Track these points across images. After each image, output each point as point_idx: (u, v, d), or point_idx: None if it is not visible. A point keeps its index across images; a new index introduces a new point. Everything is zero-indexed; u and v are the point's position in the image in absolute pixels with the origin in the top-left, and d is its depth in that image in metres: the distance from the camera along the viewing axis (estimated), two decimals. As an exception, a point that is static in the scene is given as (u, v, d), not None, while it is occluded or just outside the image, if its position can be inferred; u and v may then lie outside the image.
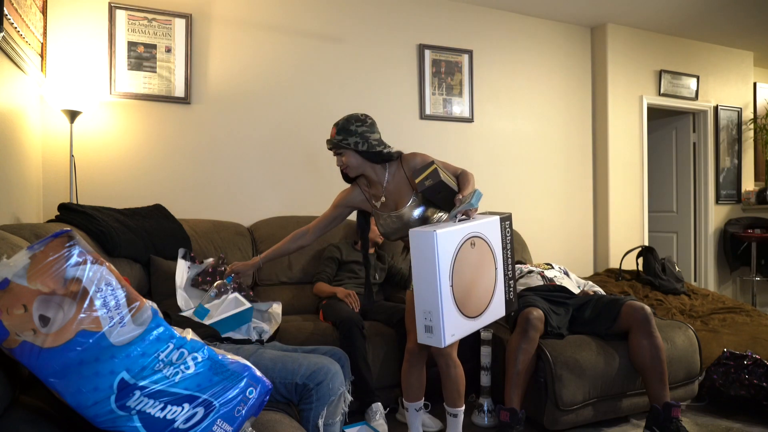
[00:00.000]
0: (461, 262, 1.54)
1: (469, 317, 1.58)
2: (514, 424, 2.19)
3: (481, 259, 1.63)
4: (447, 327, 1.48)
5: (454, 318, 1.51)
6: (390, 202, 2.02)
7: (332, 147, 1.99)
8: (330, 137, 2.00)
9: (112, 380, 0.93)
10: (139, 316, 0.98)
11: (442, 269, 1.47)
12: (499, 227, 1.72)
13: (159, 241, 2.63)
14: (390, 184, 2.03)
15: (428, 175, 1.83)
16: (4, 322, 0.89)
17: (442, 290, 1.47)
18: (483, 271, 1.64)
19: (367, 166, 2.01)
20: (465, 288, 1.56)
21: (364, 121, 1.99)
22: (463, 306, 1.55)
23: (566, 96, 4.41)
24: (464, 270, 1.55)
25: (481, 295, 1.63)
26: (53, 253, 0.93)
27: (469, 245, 1.57)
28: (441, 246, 1.48)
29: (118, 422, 0.94)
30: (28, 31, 2.32)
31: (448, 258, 1.49)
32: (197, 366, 1.01)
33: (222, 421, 1.01)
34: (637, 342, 2.28)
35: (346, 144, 1.95)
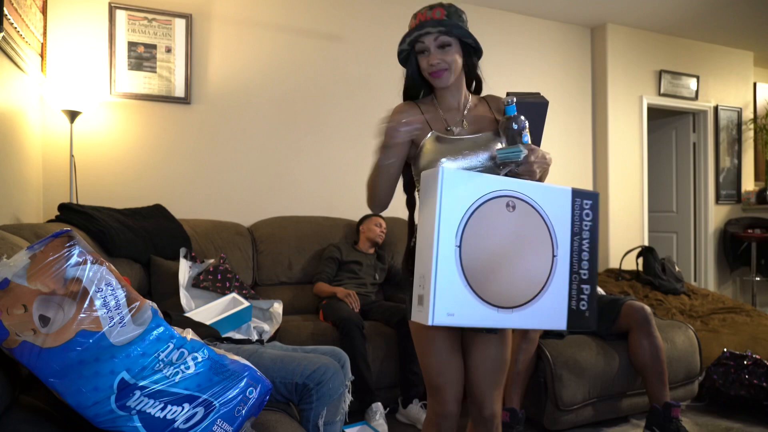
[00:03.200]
0: (484, 222, 1.15)
1: (487, 303, 1.16)
2: (514, 424, 2.19)
3: (526, 232, 1.20)
4: (440, 299, 1.11)
5: (457, 292, 1.13)
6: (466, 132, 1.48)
7: (445, 31, 1.39)
8: (431, 17, 1.40)
9: (112, 380, 0.93)
10: (139, 316, 0.98)
11: (444, 218, 1.11)
12: (569, 203, 1.26)
13: (159, 241, 2.63)
14: (470, 114, 1.50)
15: (532, 95, 1.45)
16: (4, 322, 0.89)
17: (440, 247, 1.11)
18: (526, 248, 1.21)
19: (460, 78, 1.48)
20: (485, 258, 1.16)
21: (465, 19, 1.47)
22: (477, 281, 1.15)
23: (566, 96, 4.41)
24: (488, 233, 1.16)
25: (517, 280, 1.19)
26: (53, 253, 0.93)
27: (504, 205, 1.18)
28: (449, 186, 1.12)
29: (119, 422, 0.94)
30: (28, 31, 2.32)
31: (458, 206, 1.13)
32: (197, 366, 1.01)
33: (222, 420, 1.02)
34: (637, 342, 2.29)
35: (466, 34, 1.40)
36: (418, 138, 1.45)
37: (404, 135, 1.33)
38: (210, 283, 2.57)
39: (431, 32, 1.39)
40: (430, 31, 1.39)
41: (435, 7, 1.43)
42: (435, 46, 1.41)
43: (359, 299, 2.72)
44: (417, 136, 1.44)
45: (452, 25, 1.39)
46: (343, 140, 3.56)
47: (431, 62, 1.41)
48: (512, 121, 1.28)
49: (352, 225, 3.26)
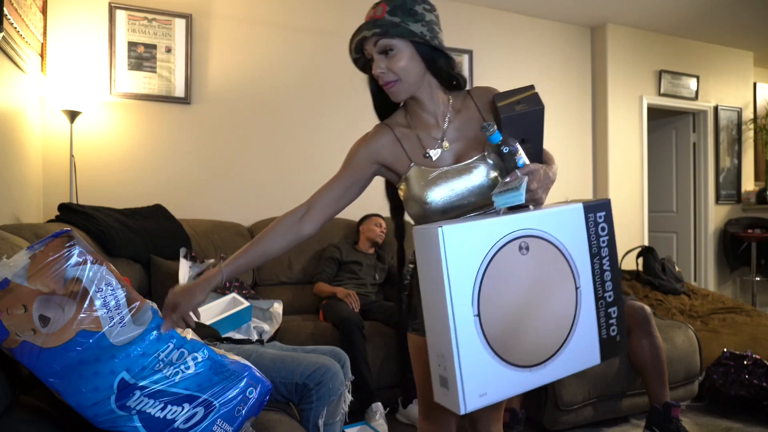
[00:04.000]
0: (499, 276, 0.98)
1: (518, 366, 1.00)
2: (514, 424, 2.19)
3: (544, 273, 1.04)
4: (469, 381, 0.95)
5: (486, 368, 0.97)
6: (449, 152, 1.23)
7: (380, 33, 1.14)
8: (371, 17, 1.17)
9: (112, 380, 0.93)
10: (139, 316, 0.98)
11: (455, 288, 0.93)
12: (583, 222, 1.08)
13: (159, 241, 2.63)
14: (451, 125, 1.24)
15: (524, 99, 1.15)
16: (3, 322, 0.89)
17: (458, 322, 0.94)
18: (548, 290, 1.05)
19: (425, 84, 1.21)
20: (507, 317, 1.00)
21: (434, 8, 1.22)
22: (503, 347, 0.99)
23: (566, 96, 4.41)
24: (506, 288, 1.00)
25: (545, 329, 1.04)
26: (53, 253, 0.93)
27: (516, 250, 1.00)
28: (452, 250, 0.93)
29: (119, 422, 0.94)
30: (28, 31, 2.32)
31: (468, 269, 0.95)
32: (197, 366, 1.01)
33: (222, 421, 1.02)
34: (637, 342, 2.29)
35: (408, 32, 1.14)
36: (396, 167, 1.24)
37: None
38: (210, 283, 2.56)
39: (367, 36, 1.16)
40: (365, 36, 1.16)
41: (378, 4, 1.18)
42: (376, 52, 1.17)
43: (359, 299, 2.72)
44: (394, 164, 1.24)
45: (388, 24, 1.13)
46: (344, 140, 3.55)
47: (374, 72, 1.18)
48: (499, 148, 1.07)
49: (352, 225, 3.26)
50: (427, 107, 1.24)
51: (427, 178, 1.18)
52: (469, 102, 1.27)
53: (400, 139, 1.24)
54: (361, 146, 1.26)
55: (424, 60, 1.18)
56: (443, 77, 1.22)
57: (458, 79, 1.25)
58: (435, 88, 1.23)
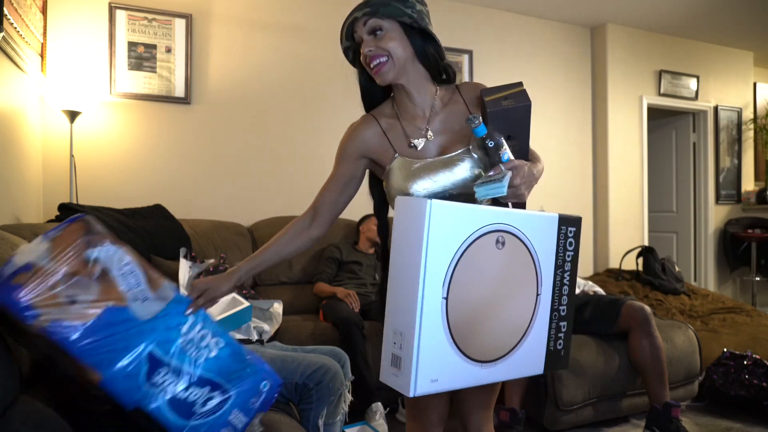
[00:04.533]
0: (473, 265, 0.95)
1: (473, 360, 0.98)
2: (514, 424, 2.19)
3: (513, 272, 1.02)
4: (424, 364, 0.91)
5: (442, 353, 0.94)
6: (433, 144, 1.21)
7: (370, 12, 1.15)
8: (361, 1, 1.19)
9: (142, 353, 0.97)
10: (160, 291, 1.03)
11: (431, 264, 0.89)
12: (555, 232, 1.08)
13: (159, 241, 2.62)
14: (438, 117, 1.23)
15: (511, 95, 1.14)
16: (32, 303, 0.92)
17: (426, 301, 0.90)
18: (512, 290, 1.03)
19: (412, 72, 1.20)
20: (472, 308, 0.97)
21: (424, 2, 1.22)
22: (463, 337, 0.96)
23: (566, 96, 4.41)
24: (476, 278, 0.97)
25: (502, 329, 1.02)
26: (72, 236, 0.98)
27: (494, 242, 0.97)
28: (436, 226, 0.89)
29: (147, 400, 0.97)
30: (28, 31, 2.32)
31: (447, 249, 0.92)
32: (219, 350, 1.05)
33: (238, 411, 1.04)
34: (637, 342, 2.29)
35: (399, 12, 1.14)
36: (381, 158, 1.23)
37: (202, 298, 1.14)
38: (210, 283, 2.56)
39: (358, 17, 1.17)
40: (356, 17, 1.17)
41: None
42: (365, 32, 1.17)
43: (359, 299, 2.72)
44: (380, 156, 1.23)
45: (378, 3, 1.14)
46: (343, 140, 3.56)
47: (363, 51, 1.17)
48: (484, 141, 1.05)
49: (352, 225, 3.26)
50: (414, 98, 1.22)
51: (411, 169, 1.17)
52: (457, 96, 1.26)
53: (386, 130, 1.24)
54: (348, 141, 1.28)
55: (413, 44, 1.17)
56: (432, 66, 1.21)
57: (448, 70, 1.25)
58: (423, 78, 1.22)
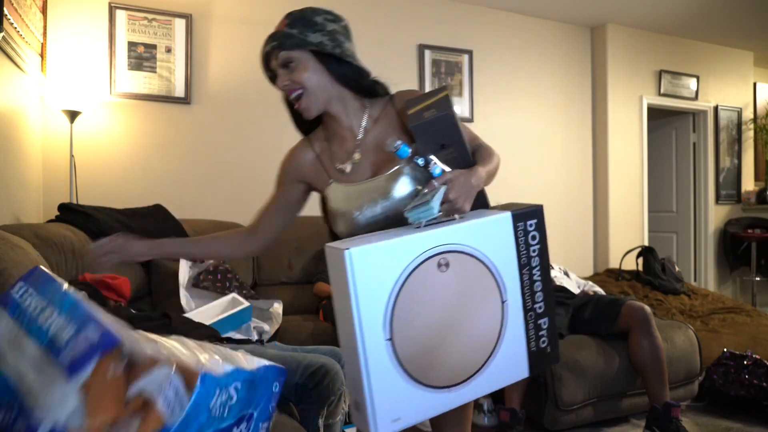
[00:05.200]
0: (416, 297, 0.91)
1: (435, 387, 0.94)
2: (514, 424, 2.19)
3: (467, 288, 0.97)
4: (381, 407, 0.89)
5: (400, 391, 0.91)
6: (365, 164, 1.17)
7: (277, 46, 1.12)
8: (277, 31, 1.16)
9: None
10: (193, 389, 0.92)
11: (364, 313, 0.87)
12: (511, 232, 1.01)
13: (159, 241, 2.62)
14: (369, 135, 1.18)
15: (433, 104, 1.08)
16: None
17: (368, 347, 0.88)
18: (471, 306, 0.98)
19: (335, 96, 1.17)
20: (424, 339, 0.93)
21: (338, 18, 1.23)
22: (420, 369, 0.92)
23: (566, 96, 4.41)
24: (422, 311, 0.92)
25: (467, 347, 0.97)
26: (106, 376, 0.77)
27: (435, 267, 0.93)
28: (361, 273, 0.86)
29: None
30: (28, 31, 2.32)
31: (379, 292, 0.88)
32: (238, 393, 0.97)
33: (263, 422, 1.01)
34: (637, 342, 2.29)
35: (305, 42, 1.11)
36: (317, 184, 1.22)
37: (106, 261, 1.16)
38: (210, 283, 2.57)
39: (268, 51, 1.16)
40: (266, 51, 1.16)
41: (282, 19, 1.18)
42: (279, 66, 1.15)
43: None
44: (315, 181, 1.22)
45: (284, 36, 1.12)
46: (343, 140, 3.56)
47: (278, 86, 1.16)
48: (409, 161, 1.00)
49: (352, 225, 3.26)
50: (342, 120, 1.19)
51: (347, 194, 1.14)
52: (389, 108, 1.21)
53: (320, 155, 1.22)
54: (285, 164, 1.27)
55: (329, 71, 1.14)
56: (353, 87, 1.18)
57: (375, 87, 1.20)
58: (348, 99, 1.19)
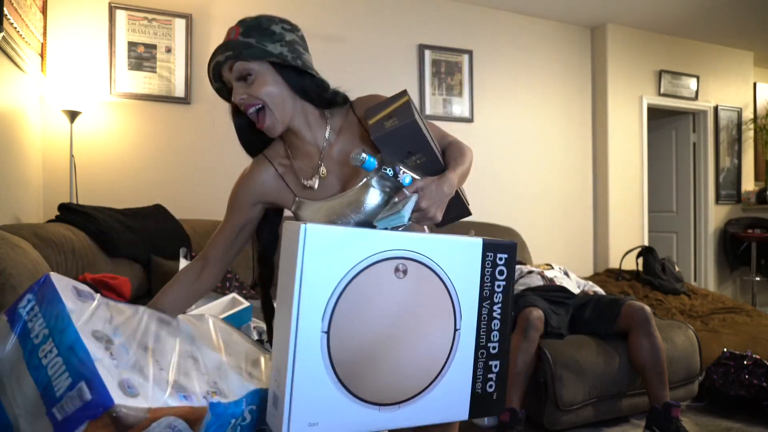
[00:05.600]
0: (363, 296, 0.86)
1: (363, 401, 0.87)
2: (514, 424, 2.19)
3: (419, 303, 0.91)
4: (298, 405, 0.82)
5: (323, 393, 0.84)
6: (332, 178, 1.12)
7: (233, 57, 1.04)
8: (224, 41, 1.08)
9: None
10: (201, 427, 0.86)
11: (305, 294, 0.81)
12: (479, 259, 0.96)
13: (159, 241, 2.62)
14: (333, 148, 1.13)
15: (394, 112, 1.02)
16: None
17: (300, 335, 0.81)
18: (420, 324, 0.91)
19: (297, 110, 1.10)
20: (363, 343, 0.86)
21: (295, 28, 1.13)
22: (351, 376, 0.85)
23: (566, 96, 4.41)
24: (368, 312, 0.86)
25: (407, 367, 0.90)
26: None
27: (392, 270, 0.88)
28: (312, 251, 0.81)
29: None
30: (28, 31, 2.32)
31: (326, 278, 0.83)
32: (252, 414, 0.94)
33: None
34: (637, 342, 2.28)
35: (265, 53, 1.04)
36: (281, 203, 1.16)
37: None
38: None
39: (220, 61, 1.05)
40: (219, 60, 1.05)
41: (232, 27, 1.09)
42: (234, 79, 1.06)
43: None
44: (279, 200, 1.16)
45: (241, 45, 1.03)
46: (343, 140, 3.56)
47: (234, 100, 1.06)
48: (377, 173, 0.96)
49: (352, 225, 3.26)
50: (305, 136, 1.13)
51: (317, 211, 1.09)
52: (351, 117, 1.16)
53: (282, 174, 1.14)
54: (241, 187, 1.16)
55: (289, 83, 1.07)
56: (314, 100, 1.11)
57: (335, 99, 1.14)
58: (309, 113, 1.12)
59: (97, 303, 0.95)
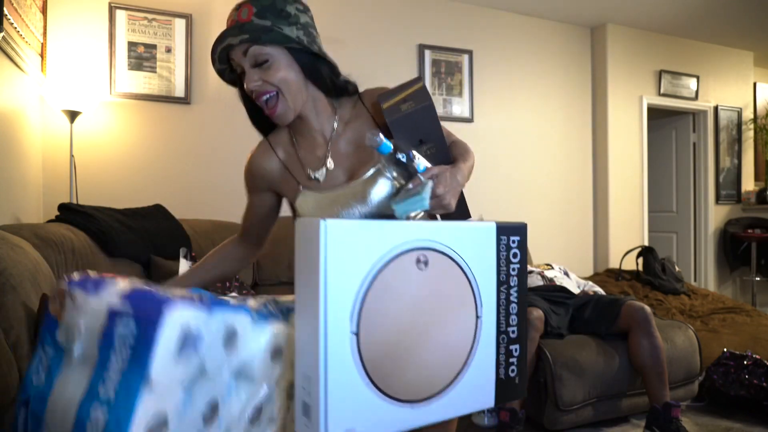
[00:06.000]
0: (389, 291, 0.82)
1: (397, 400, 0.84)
2: (514, 424, 2.19)
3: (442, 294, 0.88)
4: (334, 412, 0.78)
5: (357, 397, 0.80)
6: (339, 169, 1.10)
7: (249, 40, 0.97)
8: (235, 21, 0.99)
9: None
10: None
11: (332, 297, 0.77)
12: (494, 243, 0.94)
13: (159, 241, 2.62)
14: (341, 138, 1.10)
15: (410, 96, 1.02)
16: None
17: (330, 339, 0.77)
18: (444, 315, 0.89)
19: (309, 96, 1.07)
20: (391, 340, 0.83)
21: (307, 8, 1.06)
22: (383, 375, 0.82)
23: (566, 96, 4.41)
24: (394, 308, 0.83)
25: (434, 361, 0.88)
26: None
27: (414, 262, 0.84)
28: (335, 249, 0.76)
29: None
30: (28, 31, 2.32)
31: (351, 277, 0.78)
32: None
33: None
34: (636, 342, 2.29)
35: (284, 38, 0.98)
36: (285, 192, 1.13)
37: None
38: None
39: (233, 44, 0.98)
40: (231, 43, 0.98)
41: (242, 5, 0.99)
42: (248, 64, 1.00)
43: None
44: (283, 190, 1.13)
45: (259, 29, 0.96)
46: (343, 140, 3.55)
47: (247, 87, 1.01)
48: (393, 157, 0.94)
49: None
50: (313, 124, 1.09)
51: (321, 203, 1.05)
52: (360, 108, 1.13)
53: (286, 162, 1.11)
54: (249, 173, 1.17)
55: (304, 69, 1.02)
56: (327, 87, 1.08)
57: (347, 87, 1.11)
58: (319, 101, 1.08)
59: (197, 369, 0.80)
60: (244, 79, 1.02)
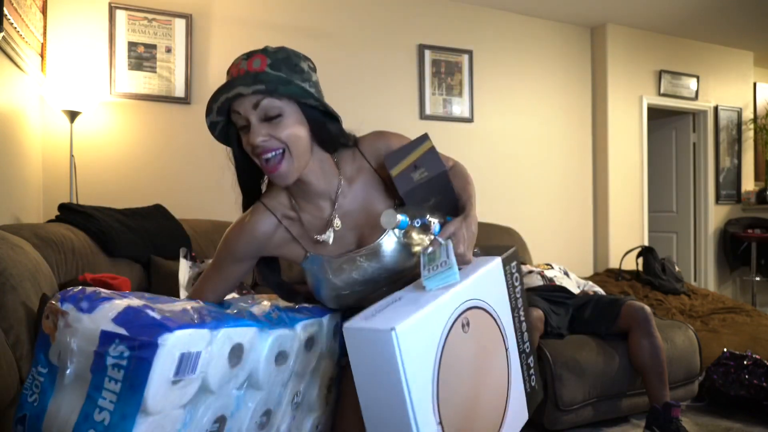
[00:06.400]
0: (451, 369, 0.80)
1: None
2: (514, 424, 2.19)
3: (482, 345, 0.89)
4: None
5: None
6: (347, 231, 1.05)
7: (264, 90, 0.91)
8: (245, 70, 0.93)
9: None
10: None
11: (416, 399, 0.73)
12: (502, 276, 0.96)
13: (159, 241, 2.62)
14: (347, 199, 1.06)
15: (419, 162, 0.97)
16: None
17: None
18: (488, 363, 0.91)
19: (315, 157, 1.02)
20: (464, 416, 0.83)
21: (316, 68, 1.07)
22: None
23: (566, 96, 4.41)
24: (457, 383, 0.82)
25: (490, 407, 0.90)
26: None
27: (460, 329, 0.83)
28: (409, 352, 0.73)
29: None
30: (28, 31, 2.32)
31: (424, 372, 0.75)
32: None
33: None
34: (637, 342, 2.28)
35: (299, 90, 0.93)
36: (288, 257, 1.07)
37: None
38: (210, 283, 2.56)
39: (244, 94, 0.91)
40: (242, 93, 0.91)
41: (254, 55, 0.95)
42: (256, 117, 0.92)
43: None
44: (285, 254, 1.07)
45: (275, 80, 0.89)
46: (343, 140, 3.55)
47: (252, 142, 0.92)
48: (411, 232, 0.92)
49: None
50: (317, 187, 1.03)
51: (332, 267, 1.02)
52: (360, 162, 1.08)
53: (288, 227, 1.05)
54: (240, 241, 1.06)
55: (312, 128, 0.97)
56: (333, 146, 1.04)
57: (346, 142, 1.07)
58: (323, 161, 1.03)
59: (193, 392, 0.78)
60: (243, 135, 0.96)
